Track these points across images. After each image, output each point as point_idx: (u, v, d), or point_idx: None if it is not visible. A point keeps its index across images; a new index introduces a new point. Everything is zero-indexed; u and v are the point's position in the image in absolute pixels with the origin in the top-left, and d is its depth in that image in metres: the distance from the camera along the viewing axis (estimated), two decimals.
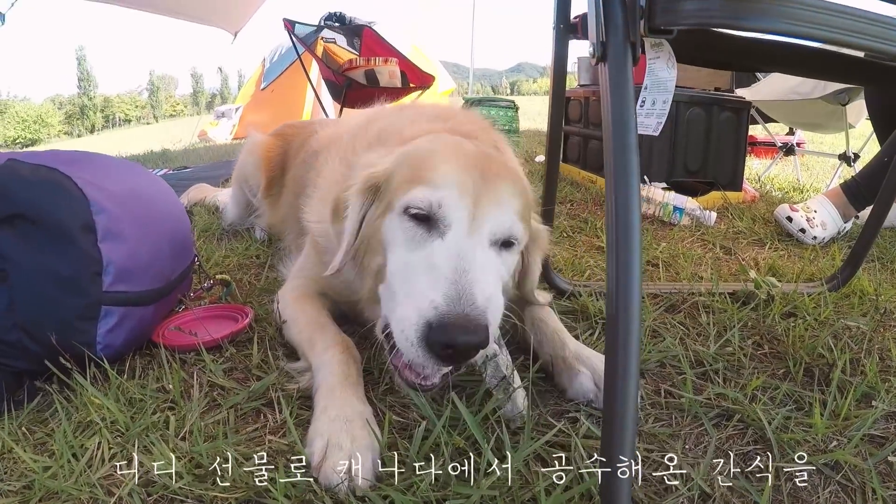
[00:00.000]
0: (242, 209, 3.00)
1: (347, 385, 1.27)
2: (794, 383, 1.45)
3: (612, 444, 0.95)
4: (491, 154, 1.40)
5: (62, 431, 1.22)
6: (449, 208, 1.21)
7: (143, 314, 1.56)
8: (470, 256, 1.16)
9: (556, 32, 1.75)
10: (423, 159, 1.32)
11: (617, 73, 1.02)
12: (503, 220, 1.25)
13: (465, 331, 1.04)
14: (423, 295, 1.10)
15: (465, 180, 1.24)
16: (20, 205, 1.37)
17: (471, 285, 1.09)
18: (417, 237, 1.23)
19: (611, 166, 1.00)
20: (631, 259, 0.97)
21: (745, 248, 2.70)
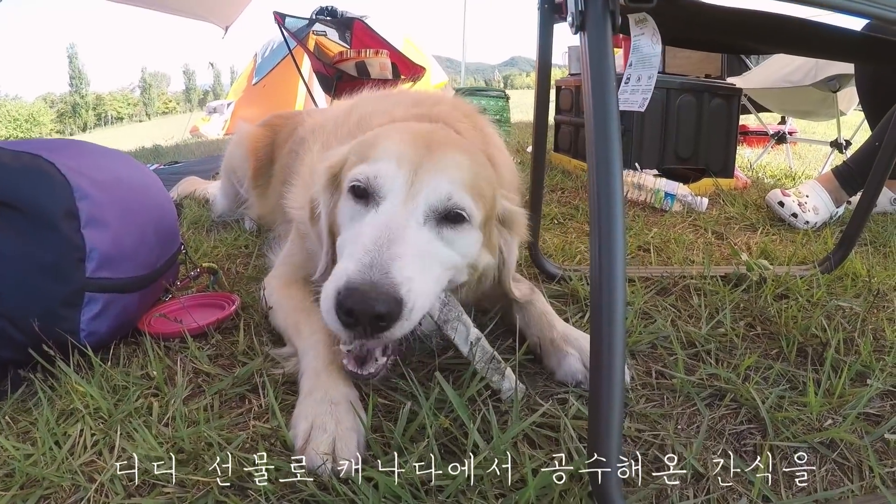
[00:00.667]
0: (231, 200, 2.98)
1: (333, 369, 1.25)
2: (787, 363, 1.44)
3: (600, 424, 0.94)
4: (447, 132, 1.37)
5: (45, 419, 1.20)
6: (384, 178, 1.19)
7: (128, 302, 1.54)
8: (398, 228, 1.12)
9: (540, 12, 1.74)
10: (375, 141, 1.30)
11: (596, 40, 1.02)
12: (442, 188, 1.19)
13: (366, 297, 1.00)
14: (342, 266, 1.08)
15: (407, 152, 1.22)
16: (1, 191, 1.35)
17: (389, 259, 1.05)
18: (356, 213, 1.22)
19: (591, 133, 0.99)
20: (614, 227, 0.96)
21: (736, 233, 2.70)
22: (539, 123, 1.95)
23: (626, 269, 1.98)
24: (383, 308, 1.01)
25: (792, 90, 4.46)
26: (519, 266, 2.09)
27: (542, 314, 1.49)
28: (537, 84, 1.88)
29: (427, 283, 1.13)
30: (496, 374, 1.23)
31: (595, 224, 0.97)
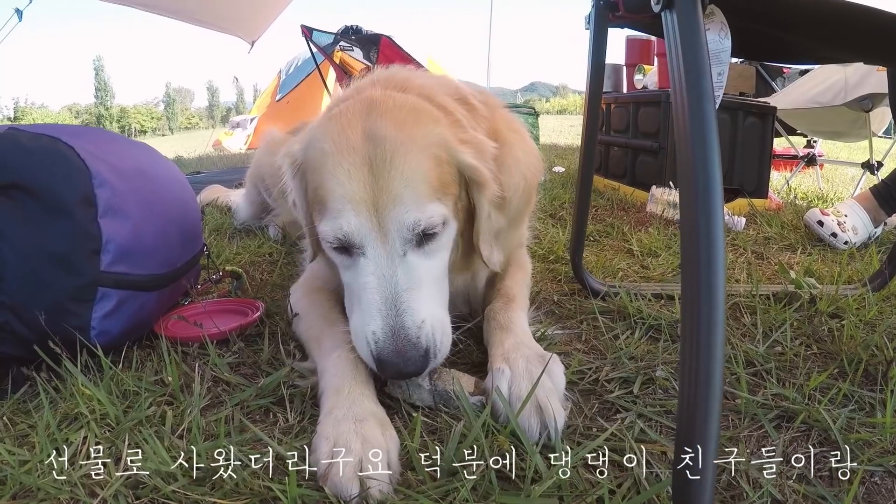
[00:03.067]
0: (256, 208, 2.94)
1: (356, 384, 1.18)
2: (851, 383, 1.34)
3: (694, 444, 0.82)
4: (377, 129, 1.24)
5: (45, 423, 1.11)
6: (353, 234, 1.20)
7: (145, 301, 1.44)
8: (392, 276, 1.19)
9: (594, 11, 1.64)
10: (317, 171, 1.27)
11: (687, 20, 0.93)
12: (408, 220, 1.20)
13: (401, 366, 1.14)
14: (366, 321, 1.18)
15: (357, 190, 1.20)
16: (16, 174, 1.27)
17: (400, 316, 1.16)
18: (346, 262, 1.26)
19: (684, 124, 0.87)
20: (714, 240, 0.83)
21: (776, 252, 2.60)
22: (590, 126, 1.84)
23: (670, 286, 1.92)
24: (414, 369, 1.16)
25: (823, 111, 4.35)
26: (559, 282, 1.99)
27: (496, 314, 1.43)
28: (588, 86, 1.78)
29: (437, 308, 1.24)
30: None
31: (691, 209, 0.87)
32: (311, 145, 1.31)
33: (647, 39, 4.46)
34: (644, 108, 3.76)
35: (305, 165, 1.32)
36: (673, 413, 1.18)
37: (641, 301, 1.74)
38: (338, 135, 1.25)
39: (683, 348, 0.87)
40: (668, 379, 1.30)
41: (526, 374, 1.15)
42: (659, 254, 2.39)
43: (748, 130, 3.63)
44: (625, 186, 3.91)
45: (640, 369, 1.35)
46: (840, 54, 2.12)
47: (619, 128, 4.10)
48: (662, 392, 1.27)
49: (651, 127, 3.65)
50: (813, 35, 1.61)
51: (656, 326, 1.60)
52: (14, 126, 1.37)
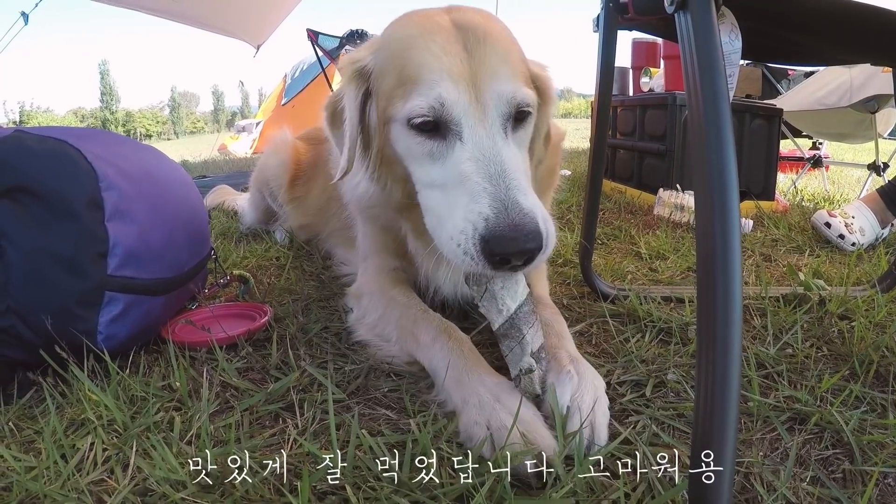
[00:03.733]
0: (261, 214, 2.90)
1: (474, 367, 1.19)
2: (863, 385, 1.33)
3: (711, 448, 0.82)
4: (465, 17, 1.24)
5: (52, 429, 1.09)
6: (452, 107, 1.14)
7: (152, 305, 1.43)
8: (496, 155, 1.11)
9: (603, 12, 1.63)
10: (403, 54, 1.22)
11: (701, 19, 0.92)
12: (507, 91, 1.16)
13: (519, 240, 1.02)
14: (468, 208, 1.07)
15: (454, 64, 1.15)
16: (23, 176, 1.27)
17: (510, 192, 1.06)
18: (435, 149, 1.18)
19: (700, 124, 0.86)
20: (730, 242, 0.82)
21: (784, 255, 2.58)
22: (599, 129, 1.83)
23: (679, 289, 1.90)
24: (534, 245, 1.03)
25: (829, 112, 4.33)
26: (568, 285, 1.98)
27: (549, 323, 1.37)
28: (598, 90, 1.77)
29: (541, 208, 1.10)
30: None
31: (707, 210, 0.86)
32: (390, 38, 1.29)
33: (653, 42, 4.44)
34: (651, 111, 3.74)
35: (380, 60, 1.28)
36: (685, 416, 1.17)
37: (651, 304, 1.73)
38: (425, 21, 1.24)
39: (700, 354, 0.85)
40: (680, 382, 1.29)
41: (591, 388, 1.12)
42: (667, 256, 2.37)
43: (755, 133, 3.61)
44: (632, 189, 3.89)
45: (652, 372, 1.33)
46: (850, 55, 2.11)
47: (625, 131, 4.08)
48: (674, 395, 1.25)
49: (658, 130, 3.63)
50: (824, 36, 1.60)
51: (666, 329, 1.58)
52: (20, 129, 1.37)
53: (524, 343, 1.13)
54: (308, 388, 1.27)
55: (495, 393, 1.10)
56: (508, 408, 1.04)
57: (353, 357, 1.42)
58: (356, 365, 1.38)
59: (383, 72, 1.26)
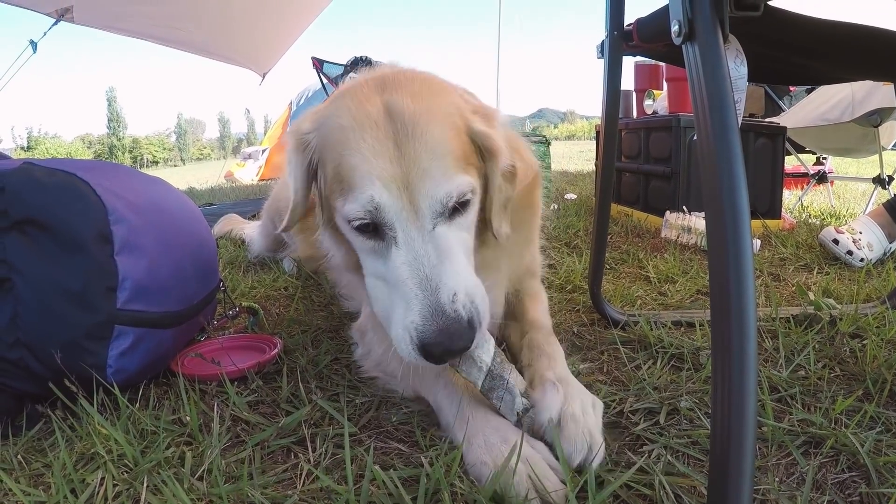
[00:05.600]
0: (271, 241, 2.91)
1: (478, 406, 1.21)
2: (877, 404, 1.31)
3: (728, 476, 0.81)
4: (395, 102, 1.21)
5: (61, 463, 1.08)
6: (385, 211, 1.15)
7: (162, 338, 1.43)
8: (426, 258, 1.14)
9: (608, 41, 1.64)
10: (337, 149, 1.21)
11: (708, 51, 0.93)
12: (439, 193, 1.16)
13: (446, 343, 1.07)
14: (404, 316, 1.11)
15: (384, 167, 1.15)
16: (32, 209, 1.27)
17: (438, 295, 1.09)
18: (377, 247, 1.20)
19: (710, 155, 0.86)
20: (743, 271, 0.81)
21: (793, 273, 2.57)
22: (607, 155, 1.83)
23: (690, 313, 1.89)
24: (462, 344, 1.09)
25: (832, 128, 4.33)
26: (577, 312, 1.97)
27: (540, 346, 1.38)
28: (604, 116, 1.77)
29: (469, 275, 1.17)
30: (523, 426, 1.15)
31: (719, 240, 0.87)
32: (325, 122, 1.28)
33: (656, 65, 4.46)
34: (655, 133, 3.75)
35: (320, 142, 1.28)
36: (700, 444, 1.15)
37: (662, 329, 1.72)
38: (356, 110, 1.22)
39: (715, 383, 0.85)
40: (693, 409, 1.27)
41: (577, 399, 1.13)
42: (676, 280, 2.36)
43: (759, 151, 3.62)
44: (638, 212, 3.89)
45: (665, 400, 1.32)
46: (852, 74, 2.11)
47: (630, 154, 4.08)
48: (688, 422, 1.24)
49: (663, 152, 3.64)
50: (828, 58, 1.61)
51: (678, 355, 1.57)
52: (29, 160, 1.37)
53: (511, 387, 1.16)
54: (320, 423, 1.26)
55: (502, 433, 1.12)
56: (513, 448, 1.06)
57: (364, 389, 1.42)
58: (367, 398, 1.37)
59: (322, 158, 1.29)
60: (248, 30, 7.39)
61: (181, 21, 6.64)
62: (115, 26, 6.63)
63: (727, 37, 0.94)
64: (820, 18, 1.29)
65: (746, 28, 1.12)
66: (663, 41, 1.04)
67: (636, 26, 1.50)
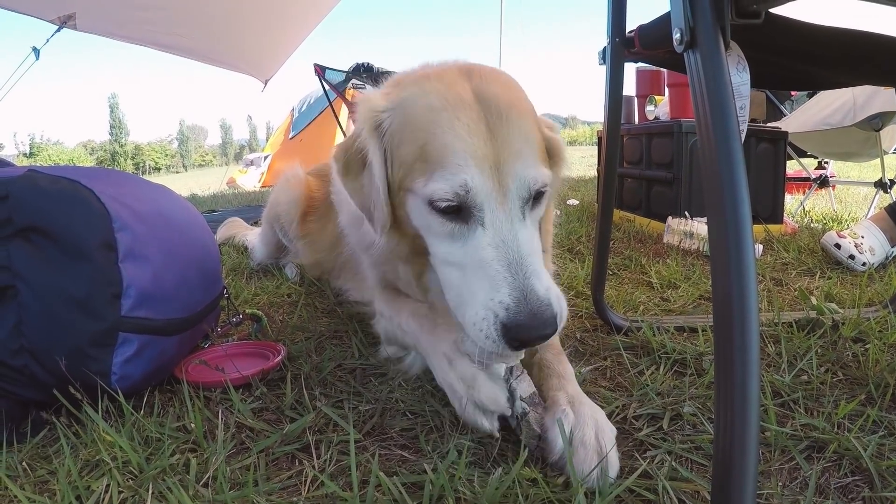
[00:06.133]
0: (272, 249, 2.90)
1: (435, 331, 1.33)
2: (879, 408, 1.31)
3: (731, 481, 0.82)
4: (486, 89, 1.23)
5: (66, 469, 1.08)
6: (476, 193, 1.15)
7: (166, 345, 1.43)
8: (514, 241, 1.14)
9: (610, 47, 1.65)
10: (426, 129, 1.19)
11: (710, 58, 0.93)
12: (528, 177, 1.18)
13: (538, 328, 1.06)
14: (488, 296, 1.10)
15: (478, 146, 1.15)
16: (36, 217, 1.27)
17: (528, 279, 1.09)
18: (456, 231, 1.19)
19: (712, 163, 0.87)
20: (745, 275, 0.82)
21: (795, 278, 2.58)
22: (609, 162, 1.84)
23: (692, 318, 1.89)
24: (550, 331, 1.08)
25: (833, 132, 4.35)
26: (580, 318, 1.97)
27: (550, 364, 1.38)
28: (606, 122, 1.78)
29: (555, 289, 1.14)
30: (537, 451, 1.16)
31: (721, 248, 0.88)
32: (406, 102, 1.26)
33: (658, 70, 4.47)
34: (657, 139, 3.76)
35: (396, 123, 1.26)
36: (703, 449, 1.15)
37: (664, 335, 1.72)
38: (447, 91, 1.22)
39: (718, 388, 0.86)
40: (696, 414, 1.28)
41: (591, 421, 1.12)
42: (678, 285, 2.37)
43: (761, 156, 3.63)
44: (640, 218, 3.89)
45: (668, 405, 1.32)
46: (854, 79, 2.12)
47: (632, 159, 4.09)
48: (691, 428, 1.24)
49: (665, 157, 3.64)
50: (830, 64, 1.61)
51: (681, 360, 1.58)
52: (33, 168, 1.37)
53: (513, 390, 1.18)
54: (324, 429, 1.26)
55: (449, 358, 1.23)
56: (457, 369, 1.20)
57: (368, 395, 1.42)
58: (371, 404, 1.37)
59: (401, 138, 1.24)
60: (251, 36, 7.41)
61: (183, 28, 6.66)
62: (117, 33, 6.66)
63: (728, 44, 0.94)
64: (821, 25, 1.29)
65: (748, 35, 1.13)
66: (665, 48, 1.05)
67: (638, 33, 1.51)
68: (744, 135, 1.26)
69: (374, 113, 1.28)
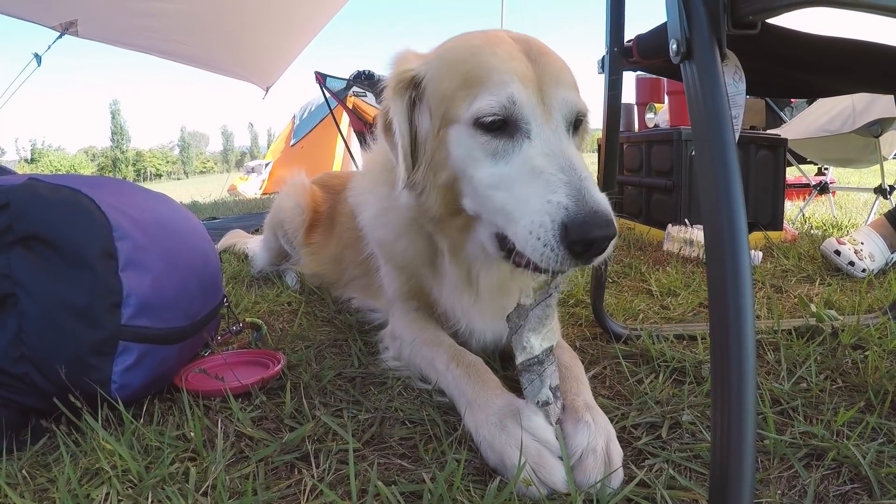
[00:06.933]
0: (273, 255, 2.91)
1: (479, 389, 1.26)
2: (879, 415, 1.32)
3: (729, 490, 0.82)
4: (527, 39, 1.31)
5: (65, 478, 1.08)
6: (522, 106, 1.18)
7: (166, 354, 1.42)
8: (565, 151, 1.15)
9: (609, 57, 1.65)
10: (469, 59, 1.26)
11: (706, 70, 0.94)
12: (569, 99, 1.23)
13: (599, 226, 1.04)
14: (544, 199, 1.09)
15: (519, 68, 1.20)
16: (37, 225, 1.27)
17: (583, 182, 1.09)
18: (500, 148, 1.21)
19: (708, 173, 0.87)
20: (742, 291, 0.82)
21: (795, 285, 2.58)
22: (608, 174, 1.84)
23: (692, 326, 1.89)
24: (611, 231, 1.06)
25: (833, 139, 4.37)
26: (580, 326, 1.97)
27: (568, 367, 1.38)
28: (605, 131, 1.78)
29: (605, 198, 1.13)
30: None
31: (717, 259, 0.87)
32: (449, 50, 1.34)
33: (657, 78, 4.48)
34: (657, 147, 3.76)
35: (434, 70, 1.32)
36: (702, 458, 1.15)
37: (664, 343, 1.72)
38: (484, 35, 1.30)
39: (714, 396, 0.86)
40: (695, 423, 1.28)
41: (603, 432, 1.11)
42: (678, 293, 2.37)
43: (760, 163, 3.63)
44: (640, 225, 3.89)
45: (667, 414, 1.32)
46: (851, 87, 2.13)
47: (632, 167, 4.10)
48: (690, 436, 1.24)
49: (664, 165, 3.65)
50: (826, 72, 1.62)
51: (680, 368, 1.57)
52: (34, 176, 1.38)
53: (544, 377, 1.17)
54: (323, 438, 1.26)
55: (500, 418, 1.13)
56: (514, 437, 1.08)
57: (367, 404, 1.42)
58: (370, 413, 1.37)
59: (441, 77, 1.30)
60: (252, 44, 7.44)
61: (185, 35, 6.69)
62: (119, 40, 6.69)
63: (724, 55, 0.95)
64: (818, 35, 1.30)
65: (745, 45, 1.14)
66: (663, 57, 1.05)
67: (636, 42, 1.52)
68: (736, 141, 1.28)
69: (401, 73, 1.35)
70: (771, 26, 1.21)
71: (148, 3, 5.88)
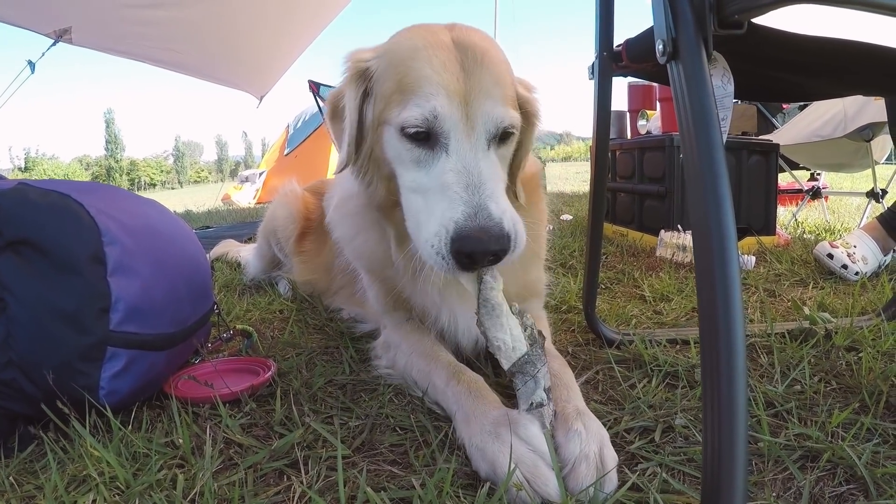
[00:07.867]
0: (266, 263, 2.92)
1: (477, 405, 1.24)
2: (873, 416, 1.32)
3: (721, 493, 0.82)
4: (465, 37, 1.33)
5: (52, 485, 1.07)
6: (444, 120, 1.23)
7: (155, 360, 1.41)
8: (475, 168, 1.20)
9: (598, 62, 1.65)
10: (406, 63, 1.29)
11: (692, 69, 0.95)
12: (496, 114, 1.26)
13: (484, 241, 1.11)
14: (443, 214, 1.16)
15: (450, 81, 1.24)
16: (26, 230, 1.27)
17: (483, 199, 1.15)
18: (422, 157, 1.27)
19: (695, 173, 0.87)
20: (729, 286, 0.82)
21: (788, 289, 2.58)
22: (598, 176, 1.84)
23: (685, 331, 1.89)
24: (498, 247, 1.13)
25: (825, 144, 4.41)
26: (572, 332, 1.97)
27: (558, 374, 1.36)
28: (595, 136, 1.78)
29: (511, 214, 1.19)
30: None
31: (706, 261, 0.87)
32: (392, 47, 1.37)
33: (649, 85, 4.50)
34: (649, 153, 3.77)
35: (383, 64, 1.35)
36: (695, 461, 1.15)
37: (657, 347, 1.72)
38: (428, 36, 1.31)
39: (705, 398, 0.86)
40: (688, 426, 1.27)
41: (596, 437, 1.11)
42: (671, 298, 2.37)
43: (752, 169, 3.65)
44: (633, 232, 3.90)
45: (660, 417, 1.32)
46: (842, 90, 2.13)
47: (625, 174, 4.10)
48: (683, 440, 1.23)
49: (657, 171, 3.66)
50: (816, 74, 1.62)
51: (673, 373, 1.57)
52: (24, 182, 1.37)
53: (538, 378, 1.17)
54: (313, 445, 1.25)
55: (495, 427, 1.13)
56: (508, 444, 1.08)
57: (358, 411, 1.41)
58: (361, 420, 1.36)
59: (384, 76, 1.34)
60: (246, 53, 7.44)
61: (180, 44, 6.69)
62: (113, 48, 6.68)
63: (711, 55, 0.95)
64: (806, 35, 1.30)
65: (734, 46, 1.14)
66: (651, 61, 1.06)
67: (625, 47, 1.52)
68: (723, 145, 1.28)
69: (358, 62, 1.40)
70: (757, 26, 1.21)
71: (142, 11, 5.88)
